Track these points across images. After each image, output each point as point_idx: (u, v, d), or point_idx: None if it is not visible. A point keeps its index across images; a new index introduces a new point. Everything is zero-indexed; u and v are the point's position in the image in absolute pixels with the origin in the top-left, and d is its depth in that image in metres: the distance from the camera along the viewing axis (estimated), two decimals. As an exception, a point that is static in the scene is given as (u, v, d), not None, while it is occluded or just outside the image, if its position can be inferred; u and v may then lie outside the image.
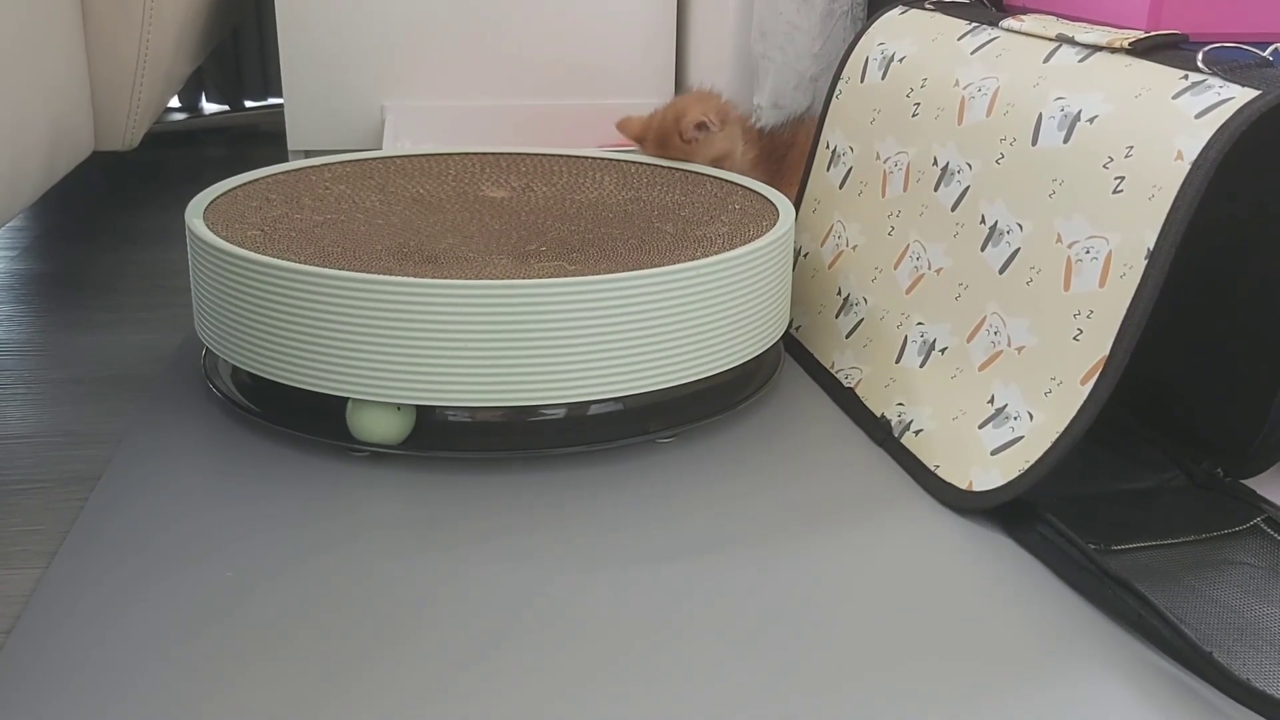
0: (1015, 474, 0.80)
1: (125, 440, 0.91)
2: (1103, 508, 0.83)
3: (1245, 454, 0.86)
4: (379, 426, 0.87)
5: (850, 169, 1.09)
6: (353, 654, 0.66)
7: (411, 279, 0.83)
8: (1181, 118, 0.76)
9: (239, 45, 2.14)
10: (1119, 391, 0.78)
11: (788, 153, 1.25)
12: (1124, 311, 0.76)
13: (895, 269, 0.99)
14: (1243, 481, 0.86)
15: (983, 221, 0.90)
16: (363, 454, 0.89)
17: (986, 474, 0.82)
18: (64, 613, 0.69)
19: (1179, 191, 0.74)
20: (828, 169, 1.12)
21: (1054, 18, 0.97)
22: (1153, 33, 0.84)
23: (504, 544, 0.78)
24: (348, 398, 0.87)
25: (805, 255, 1.13)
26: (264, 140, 2.04)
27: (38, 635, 0.67)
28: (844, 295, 1.06)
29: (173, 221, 1.54)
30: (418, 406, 0.89)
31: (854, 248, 1.06)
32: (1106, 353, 0.77)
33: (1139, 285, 0.75)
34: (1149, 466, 0.89)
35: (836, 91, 1.13)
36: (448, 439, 0.91)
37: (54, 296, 1.25)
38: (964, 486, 0.83)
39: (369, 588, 0.73)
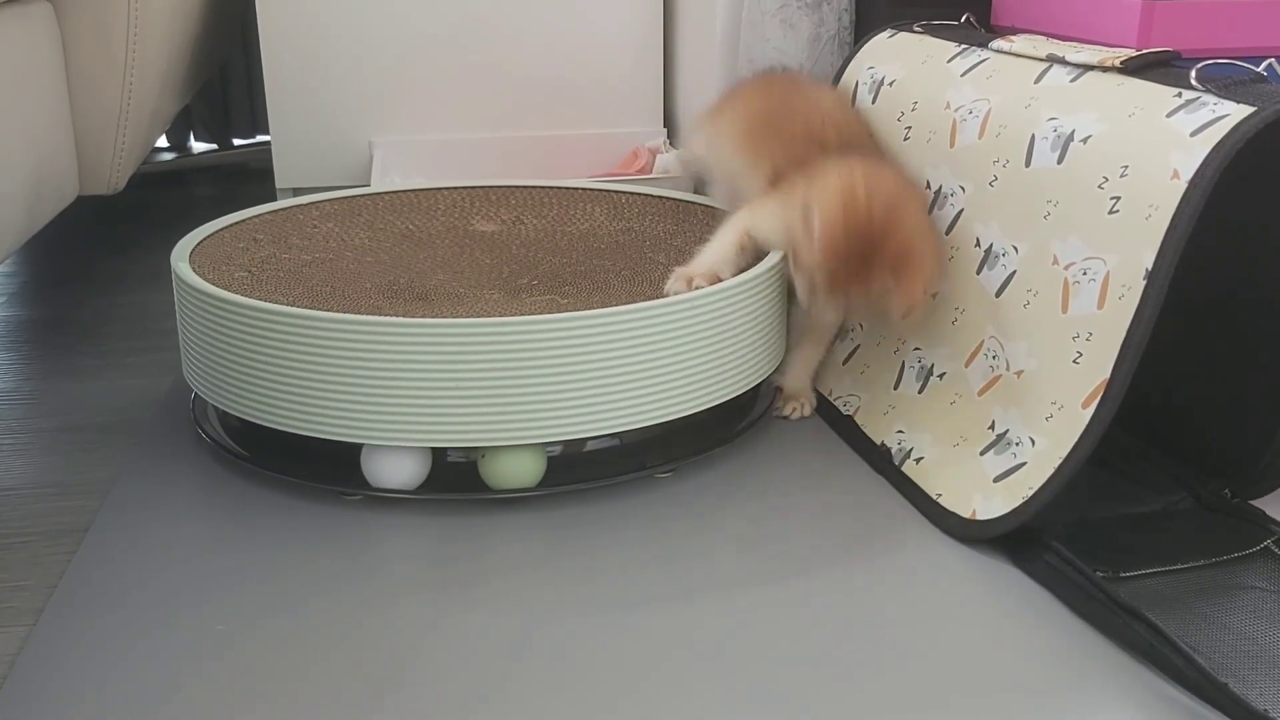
0: (1019, 501, 0.79)
1: (113, 490, 0.89)
2: (1109, 533, 0.82)
3: (1252, 474, 0.85)
4: (517, 470, 0.86)
5: (842, 194, 1.07)
6: (346, 705, 0.65)
7: (401, 319, 0.82)
8: (1176, 136, 0.75)
9: (227, 83, 2.14)
10: (1121, 412, 0.76)
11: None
12: (1124, 333, 0.75)
13: None
14: (1251, 502, 0.85)
15: (977, 244, 0.89)
16: (355, 498, 0.87)
17: (989, 502, 0.81)
18: (51, 672, 0.68)
19: (1176, 211, 0.73)
20: (820, 195, 1.11)
21: (1044, 37, 0.96)
22: (1144, 50, 0.83)
23: (501, 587, 0.76)
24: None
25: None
26: (253, 178, 2.03)
27: (25, 697, 0.66)
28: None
29: (161, 263, 1.53)
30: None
31: (848, 274, 1.04)
32: (1107, 376, 0.75)
33: (1138, 306, 0.74)
34: (1154, 489, 0.87)
35: (826, 117, 1.12)
36: (442, 480, 0.90)
37: (41, 343, 1.24)
38: (967, 515, 0.82)
39: (364, 636, 0.71)
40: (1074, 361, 0.78)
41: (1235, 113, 0.73)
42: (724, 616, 0.73)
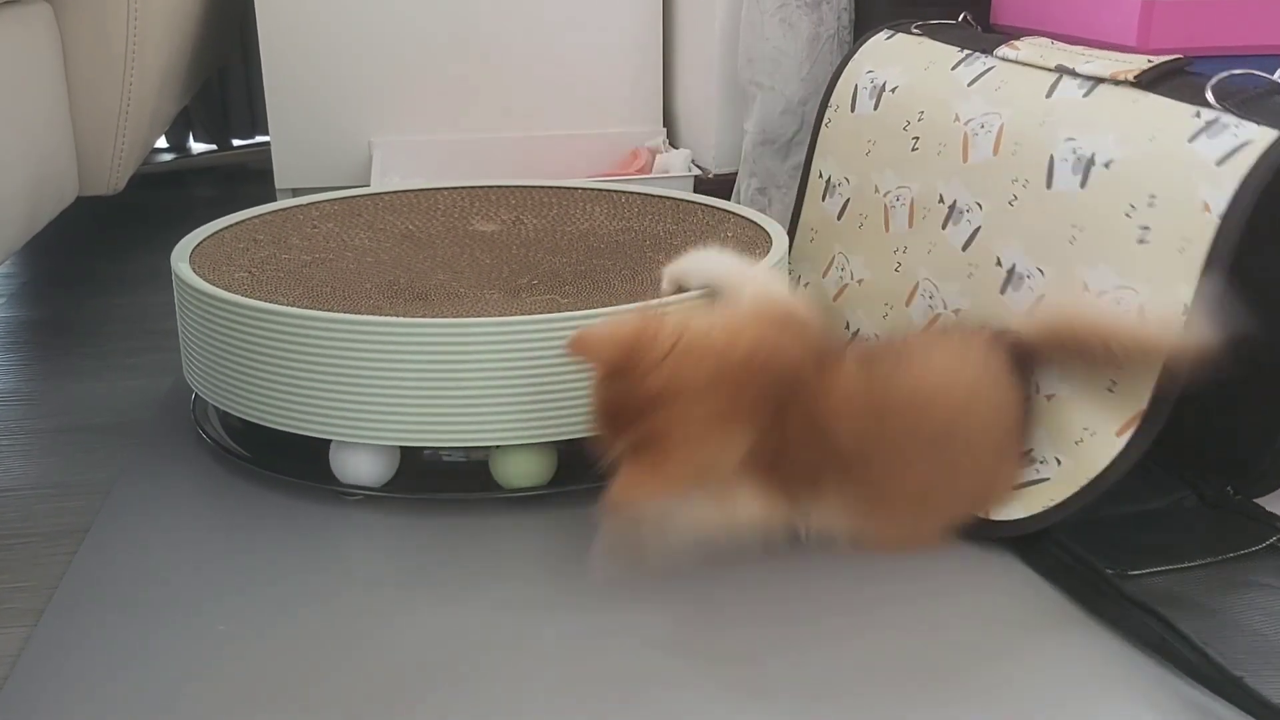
0: (1038, 509, 0.78)
1: (114, 491, 0.89)
2: (1115, 530, 0.81)
3: (1255, 471, 0.84)
4: (528, 469, 0.86)
5: (848, 200, 1.07)
6: (348, 705, 0.65)
7: (402, 319, 0.82)
8: (1202, 165, 0.74)
9: (226, 83, 2.13)
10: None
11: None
12: (1161, 364, 0.74)
13: (907, 306, 0.97)
14: (1254, 500, 0.85)
15: (999, 264, 0.88)
16: (356, 497, 0.87)
17: (1007, 506, 0.80)
18: (52, 673, 0.67)
19: (1211, 247, 0.72)
20: (823, 198, 1.10)
21: (1049, 42, 0.95)
22: (1156, 61, 0.82)
23: (503, 587, 0.76)
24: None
25: (806, 285, 1.11)
26: (252, 179, 2.03)
27: (26, 698, 0.65)
28: (854, 330, 1.04)
29: (160, 264, 1.51)
30: (407, 447, 0.88)
31: (860, 282, 1.04)
32: (1144, 406, 0.75)
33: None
34: (1158, 487, 0.87)
35: (825, 120, 1.11)
36: (443, 480, 0.90)
37: (41, 344, 1.24)
38: (980, 514, 0.81)
39: (365, 637, 0.71)
40: (1109, 389, 0.77)
41: (1259, 139, 0.71)
42: (726, 617, 0.73)
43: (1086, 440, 0.78)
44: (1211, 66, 0.78)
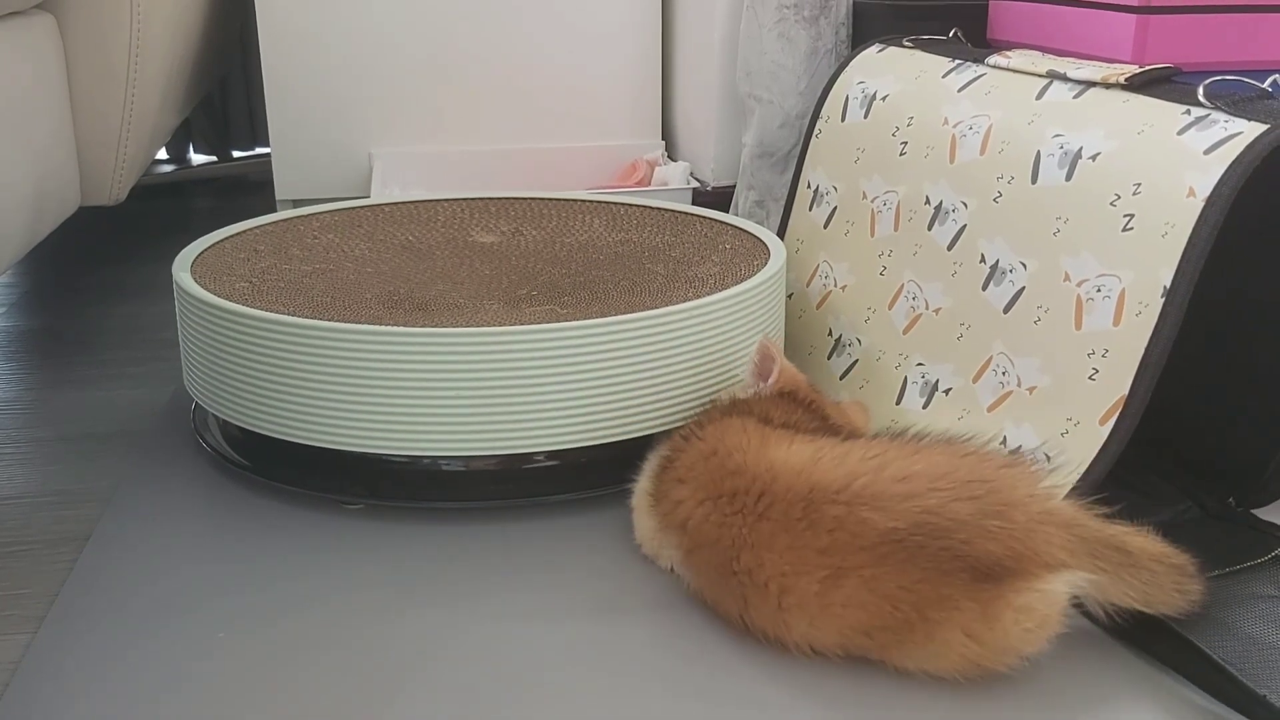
0: None
1: (114, 499, 0.89)
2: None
3: (1257, 483, 0.84)
4: None
5: (835, 208, 1.08)
6: (348, 715, 0.65)
7: (402, 328, 0.82)
8: (1189, 154, 0.75)
9: (226, 95, 2.14)
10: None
11: None
12: (1142, 349, 0.75)
13: (890, 309, 0.98)
14: (1254, 511, 0.85)
15: (982, 260, 0.89)
16: (356, 507, 0.88)
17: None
18: (53, 679, 0.68)
19: (1194, 229, 0.73)
20: (810, 209, 1.12)
21: (1039, 53, 0.97)
22: (1146, 67, 0.83)
23: (503, 597, 0.77)
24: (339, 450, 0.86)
25: (790, 296, 1.12)
26: (252, 190, 2.04)
27: (27, 704, 0.66)
28: (835, 336, 1.05)
29: (160, 274, 1.53)
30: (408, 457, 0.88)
31: (843, 288, 1.05)
32: (1126, 392, 0.75)
33: (1157, 323, 0.74)
34: (1160, 499, 0.87)
35: (816, 131, 1.12)
36: (441, 489, 0.90)
37: (42, 353, 1.24)
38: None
39: (365, 646, 0.71)
40: (1089, 378, 0.78)
41: (1248, 130, 0.73)
42: (725, 627, 0.73)
43: (1072, 431, 0.78)
44: (1203, 80, 0.80)
